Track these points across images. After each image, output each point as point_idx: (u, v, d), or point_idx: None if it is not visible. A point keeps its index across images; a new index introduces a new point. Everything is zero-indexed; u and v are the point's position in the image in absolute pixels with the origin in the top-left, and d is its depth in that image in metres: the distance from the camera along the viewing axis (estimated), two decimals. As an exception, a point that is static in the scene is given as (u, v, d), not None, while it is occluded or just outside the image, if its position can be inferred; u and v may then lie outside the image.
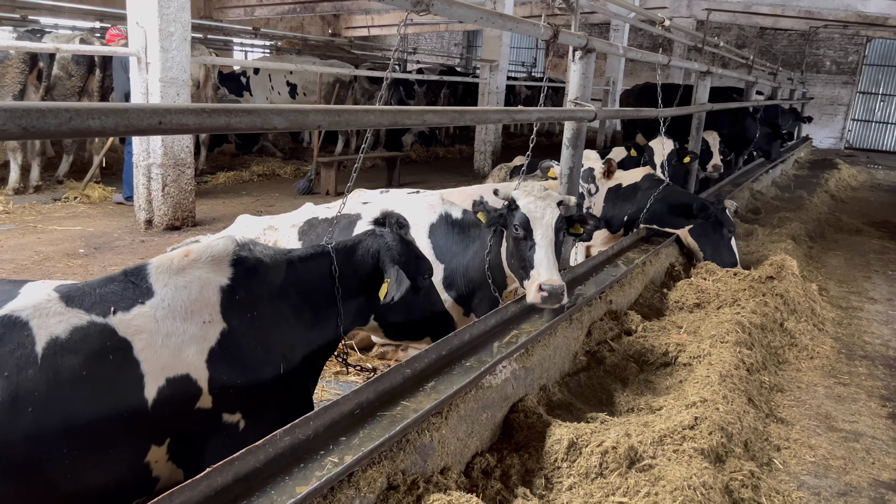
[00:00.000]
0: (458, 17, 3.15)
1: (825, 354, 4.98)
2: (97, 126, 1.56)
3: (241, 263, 2.64)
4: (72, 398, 2.13)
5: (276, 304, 2.72)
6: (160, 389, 2.31)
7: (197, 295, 2.46)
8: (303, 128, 2.14)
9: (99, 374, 2.19)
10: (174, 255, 2.56)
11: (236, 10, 24.21)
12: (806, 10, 22.06)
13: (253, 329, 2.59)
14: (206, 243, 2.67)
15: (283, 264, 2.82)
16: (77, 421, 2.13)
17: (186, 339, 2.39)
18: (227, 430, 2.50)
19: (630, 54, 5.97)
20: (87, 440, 2.17)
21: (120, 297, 2.36)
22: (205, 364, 2.42)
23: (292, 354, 2.76)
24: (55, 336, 2.16)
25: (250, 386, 2.55)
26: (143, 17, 7.01)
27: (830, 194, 13.09)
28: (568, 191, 4.69)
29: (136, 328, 2.31)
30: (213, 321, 2.46)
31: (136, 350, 2.28)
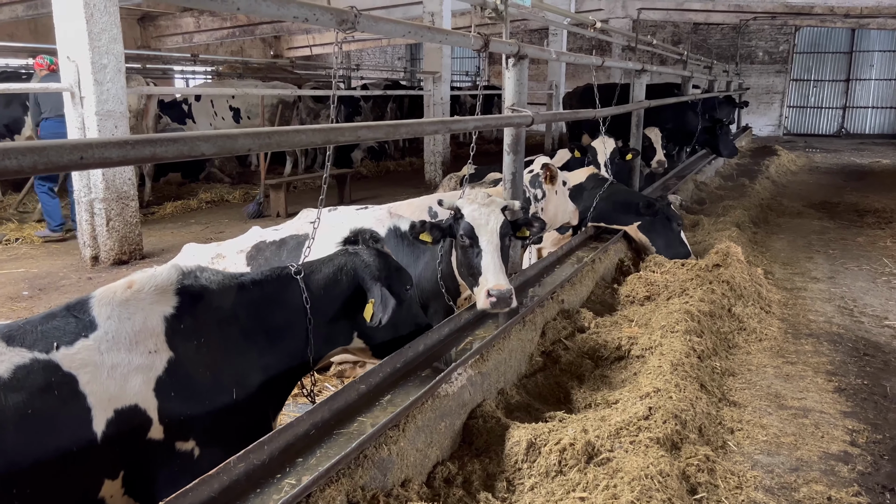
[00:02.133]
0: (385, 33, 3.18)
1: (773, 336, 5.13)
2: (13, 166, 1.54)
3: (185, 292, 2.59)
4: (19, 437, 2.09)
5: (225, 331, 2.67)
6: (108, 422, 2.27)
7: (141, 325, 2.42)
8: (232, 152, 2.14)
9: (45, 411, 2.15)
10: (117, 287, 2.52)
11: (174, 37, 23.93)
12: (735, 4, 22.81)
13: (201, 356, 2.55)
14: (150, 273, 2.63)
15: (232, 290, 2.76)
16: (27, 459, 2.10)
17: (132, 369, 2.36)
18: (181, 459, 2.46)
19: (563, 58, 6.09)
20: (39, 478, 2.13)
21: (62, 331, 2.32)
22: (153, 393, 2.38)
23: (246, 379, 2.71)
24: None
25: (202, 413, 2.51)
26: (73, 52, 6.89)
27: (771, 180, 13.50)
28: (512, 196, 4.75)
29: (81, 362, 2.27)
30: (160, 350, 2.43)
31: (82, 384, 2.24)
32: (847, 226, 9.50)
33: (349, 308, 3.03)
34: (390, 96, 17.87)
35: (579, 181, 6.71)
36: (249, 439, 2.51)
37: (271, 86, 13.83)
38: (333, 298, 3.01)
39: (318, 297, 2.94)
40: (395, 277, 3.15)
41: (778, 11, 24.02)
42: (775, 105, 27.38)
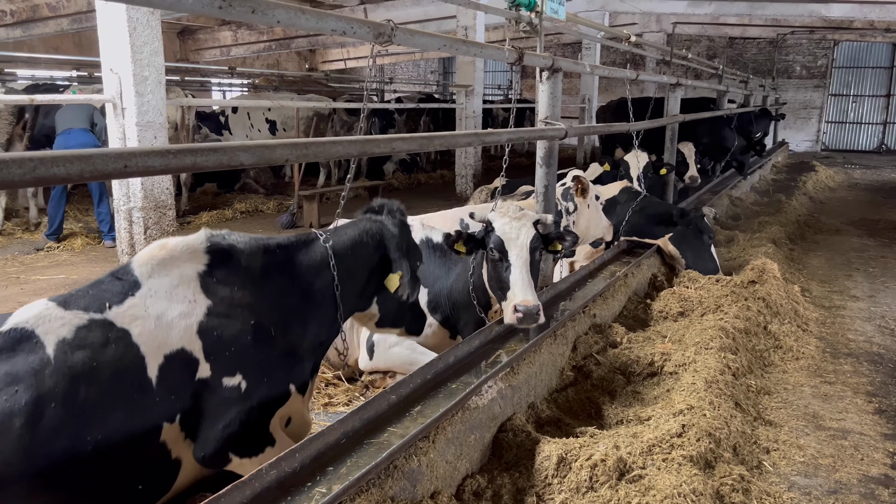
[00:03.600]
0: (421, 46, 3.21)
1: (810, 354, 5.02)
2: (62, 173, 1.58)
3: (215, 249, 2.79)
4: (87, 389, 2.32)
5: (256, 282, 2.83)
6: (161, 367, 2.49)
7: (179, 279, 2.64)
8: (270, 163, 2.18)
9: (106, 364, 2.38)
10: (152, 249, 2.73)
11: (212, 50, 24.40)
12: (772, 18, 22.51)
13: (236, 301, 2.73)
14: (181, 237, 2.83)
15: (260, 249, 2.93)
16: (96, 410, 2.32)
17: (175, 317, 2.57)
18: (230, 393, 2.63)
19: (598, 72, 6.08)
20: (107, 426, 2.35)
21: (111, 293, 2.56)
22: (196, 336, 2.59)
23: (281, 322, 2.85)
24: (62, 338, 2.36)
25: (243, 349, 2.68)
26: (116, 64, 7.06)
27: (809, 196, 13.26)
28: (544, 209, 4.74)
29: (131, 317, 2.51)
30: (198, 299, 2.64)
31: (134, 336, 2.48)
32: (888, 243, 9.28)
33: (372, 274, 3.18)
34: (423, 109, 17.98)
35: (612, 195, 6.68)
36: (290, 379, 2.80)
37: (307, 98, 14.01)
38: (360, 261, 3.15)
39: (343, 255, 3.08)
40: (413, 252, 3.30)
41: (816, 26, 23.67)
42: (813, 120, 26.94)
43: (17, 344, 2.31)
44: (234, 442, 2.65)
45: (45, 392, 2.23)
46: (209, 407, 2.60)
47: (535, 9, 4.45)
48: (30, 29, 17.57)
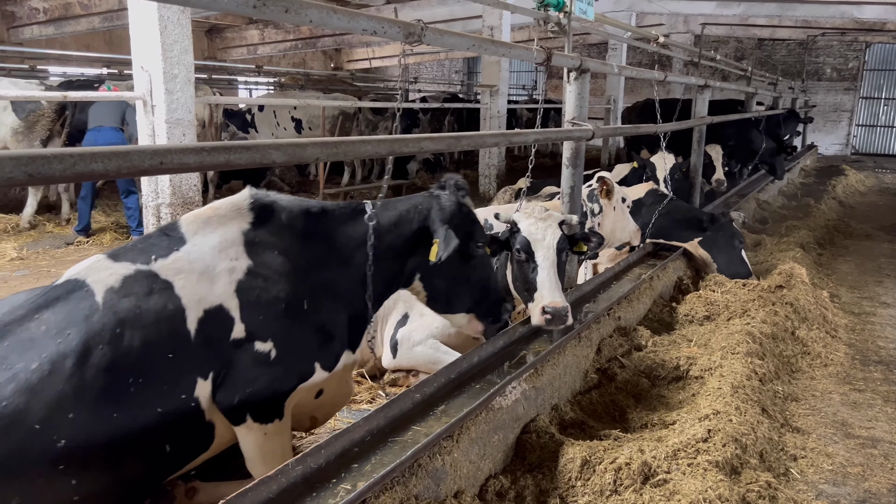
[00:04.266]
0: (450, 46, 3.21)
1: (839, 361, 4.94)
2: (100, 169, 1.61)
3: (258, 206, 2.86)
4: (132, 334, 2.46)
5: (297, 246, 2.88)
6: (199, 320, 2.58)
7: (223, 237, 2.73)
8: (301, 161, 2.19)
9: (149, 311, 2.52)
10: (200, 210, 2.85)
11: (239, 49, 24.64)
12: (803, 20, 22.20)
13: (276, 265, 2.78)
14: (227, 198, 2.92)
15: (302, 211, 2.97)
16: (138, 354, 2.46)
17: (217, 273, 2.66)
18: (260, 359, 2.68)
19: (625, 73, 6.04)
20: (147, 371, 2.47)
21: (158, 247, 2.69)
22: (234, 294, 2.65)
23: (316, 293, 2.87)
24: (110, 286, 2.52)
25: (277, 316, 2.73)
26: (147, 62, 7.16)
27: (838, 200, 13.05)
28: (570, 210, 4.72)
29: (175, 270, 2.62)
30: (239, 258, 2.71)
31: (177, 288, 2.58)
32: (920, 250, 9.11)
33: (416, 247, 3.14)
34: (448, 109, 17.99)
35: (638, 197, 6.63)
36: (316, 357, 2.82)
37: (333, 97, 14.09)
38: (405, 235, 3.12)
39: (386, 232, 3.06)
40: (467, 227, 3.21)
41: (848, 27, 23.28)
42: (843, 123, 26.49)
43: (71, 293, 2.50)
44: (253, 404, 2.70)
45: (94, 335, 2.40)
46: (237, 368, 2.66)
47: (564, 9, 4.43)
48: (62, 27, 17.88)
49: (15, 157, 1.46)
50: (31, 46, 17.85)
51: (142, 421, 2.46)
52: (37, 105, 9.04)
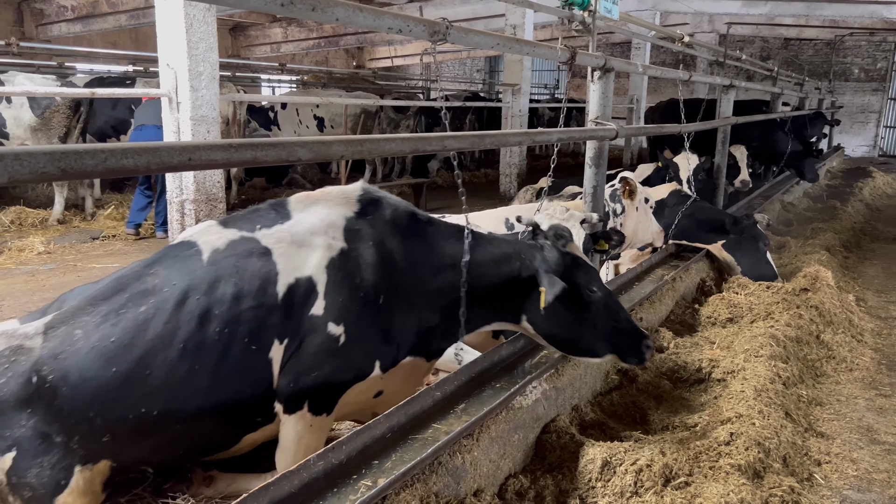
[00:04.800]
0: (474, 45, 3.21)
1: (865, 366, 4.87)
2: (131, 165, 1.63)
3: (366, 201, 3.02)
4: (226, 288, 2.71)
5: (391, 245, 2.98)
6: (289, 286, 2.77)
7: (325, 218, 2.90)
8: (327, 158, 2.21)
9: (245, 270, 2.76)
10: (311, 192, 3.05)
11: (263, 47, 24.81)
12: (830, 19, 21.88)
13: (367, 256, 2.89)
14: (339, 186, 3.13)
15: (407, 213, 3.09)
16: (229, 305, 2.69)
17: (313, 248, 2.83)
18: (329, 344, 2.78)
19: (650, 72, 5.99)
20: (234, 321, 2.69)
21: (264, 219, 2.92)
22: (324, 271, 2.81)
23: (396, 295, 2.95)
24: (216, 247, 2.80)
25: (355, 305, 2.83)
26: (173, 59, 7.23)
27: (865, 203, 12.85)
28: (592, 210, 4.69)
29: (275, 240, 2.83)
30: (336, 239, 2.87)
31: (275, 255, 2.80)
32: (949, 254, 8.94)
33: (516, 291, 3.19)
34: (469, 108, 17.98)
35: (661, 197, 6.58)
36: (378, 355, 2.91)
37: (354, 96, 14.14)
38: (499, 273, 3.17)
39: (482, 261, 3.14)
40: (575, 275, 3.20)
41: (877, 27, 22.90)
42: (870, 125, 26.07)
43: (182, 251, 2.82)
44: (313, 390, 2.79)
45: (194, 286, 2.69)
46: (308, 347, 2.77)
47: (589, 8, 4.41)
48: (89, 24, 18.13)
49: (48, 152, 1.49)
50: (59, 43, 18.13)
51: (222, 370, 2.66)
52: (51, 101, 9.18)
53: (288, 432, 2.85)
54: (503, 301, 3.22)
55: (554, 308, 3.11)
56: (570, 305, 3.16)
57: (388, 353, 2.96)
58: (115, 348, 2.59)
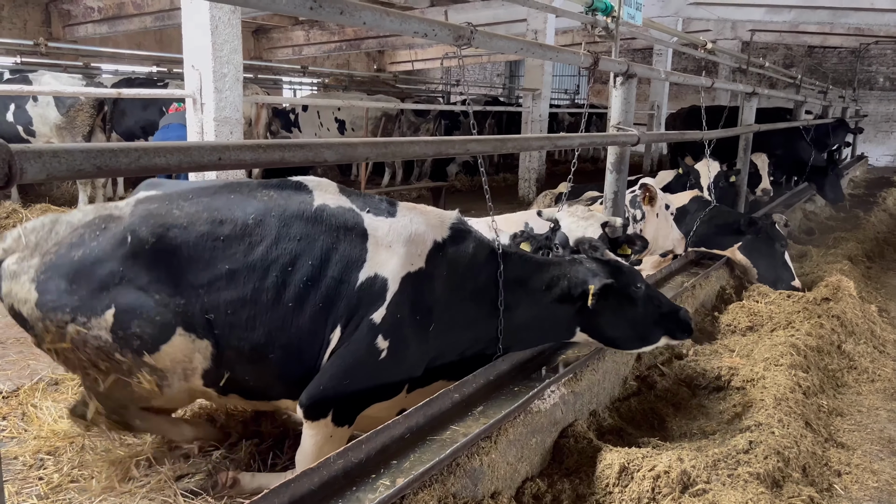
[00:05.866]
0: (498, 49, 3.23)
1: (887, 377, 4.82)
2: (163, 163, 1.67)
3: (456, 231, 3.12)
4: (321, 245, 2.82)
5: (466, 279, 3.08)
6: (367, 278, 2.84)
7: (420, 233, 2.98)
8: (352, 160, 2.24)
9: (341, 241, 2.85)
10: (419, 205, 3.18)
11: (285, 49, 25.02)
12: (855, 27, 21.63)
13: (439, 284, 2.97)
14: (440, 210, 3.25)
15: (485, 254, 3.16)
16: (318, 263, 2.80)
17: (400, 255, 2.88)
18: (371, 354, 2.83)
19: (672, 78, 5.98)
20: (316, 279, 2.79)
21: (376, 208, 3.00)
22: (399, 280, 2.86)
23: (447, 327, 3.02)
24: (325, 203, 2.91)
25: (410, 324, 2.89)
26: (197, 61, 7.32)
27: (889, 213, 12.67)
28: (613, 214, 4.69)
29: (376, 227, 2.92)
30: (420, 258, 2.95)
31: (370, 241, 2.89)
32: (974, 266, 8.80)
33: (565, 305, 3.28)
34: (489, 112, 17.99)
35: (682, 204, 6.55)
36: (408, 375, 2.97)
37: (375, 99, 14.22)
38: (549, 293, 3.27)
39: (530, 288, 3.25)
40: (619, 277, 3.33)
41: (903, 35, 22.63)
42: (895, 134, 25.75)
43: (297, 190, 2.95)
44: (338, 401, 2.83)
45: (295, 228, 2.82)
46: (349, 353, 2.81)
47: (612, 13, 4.41)
48: (115, 26, 18.39)
49: (85, 150, 1.52)
50: (85, 44, 18.40)
51: (293, 320, 2.78)
52: (75, 100, 9.38)
53: (308, 441, 2.90)
54: (554, 323, 3.34)
55: (608, 312, 3.28)
56: (621, 305, 3.32)
57: (419, 378, 3.04)
58: (217, 233, 2.75)
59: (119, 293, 2.68)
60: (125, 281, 2.69)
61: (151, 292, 2.71)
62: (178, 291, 2.74)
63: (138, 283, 2.70)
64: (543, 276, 3.27)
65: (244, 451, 3.39)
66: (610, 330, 3.38)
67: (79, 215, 2.88)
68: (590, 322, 3.34)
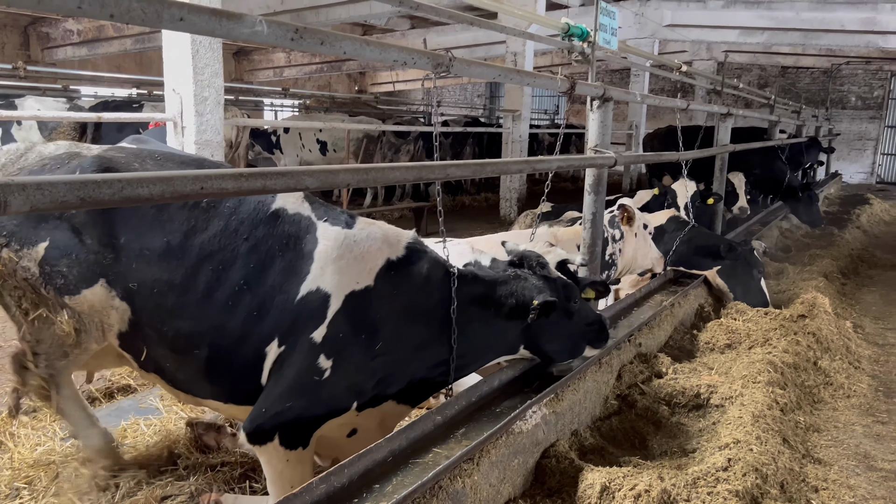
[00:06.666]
0: (477, 76, 3.29)
1: (862, 392, 4.90)
2: (146, 194, 1.69)
3: (411, 251, 3.05)
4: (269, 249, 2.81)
5: (417, 299, 3.01)
6: (309, 292, 2.78)
7: (374, 249, 2.94)
8: (333, 187, 2.27)
9: (289, 250, 2.83)
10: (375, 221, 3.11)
11: (266, 71, 25.11)
12: (827, 48, 22.17)
13: (387, 303, 2.90)
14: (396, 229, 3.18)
15: (440, 275, 3.08)
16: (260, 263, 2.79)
17: (347, 271, 2.83)
18: (313, 373, 2.77)
19: (648, 101, 6.09)
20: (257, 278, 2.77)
21: (334, 217, 2.97)
22: (343, 297, 2.80)
23: (395, 342, 2.94)
24: (284, 207, 2.90)
25: (354, 344, 2.82)
26: (178, 84, 7.34)
27: (863, 230, 12.92)
28: (591, 236, 4.76)
29: (327, 239, 2.87)
30: (370, 274, 2.89)
31: (317, 253, 2.83)
32: (946, 281, 8.99)
33: (513, 322, 3.26)
34: (470, 133, 18.14)
35: (660, 223, 6.64)
36: (356, 396, 2.90)
37: (357, 120, 14.29)
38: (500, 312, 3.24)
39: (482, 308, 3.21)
40: (563, 295, 3.36)
41: (873, 56, 23.21)
42: (868, 152, 26.27)
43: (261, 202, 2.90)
44: (284, 425, 2.77)
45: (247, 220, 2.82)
46: (289, 371, 2.76)
47: (588, 39, 4.51)
48: (95, 48, 18.38)
49: (68, 182, 1.55)
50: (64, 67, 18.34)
51: (231, 321, 2.75)
52: (57, 123, 9.48)
53: (267, 469, 2.87)
54: (502, 340, 3.34)
55: (549, 327, 3.30)
56: (560, 320, 3.37)
57: (367, 396, 2.96)
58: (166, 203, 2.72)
59: (56, 230, 2.73)
60: (63, 218, 2.74)
61: (85, 236, 2.74)
62: (111, 245, 2.76)
63: (74, 224, 2.74)
64: (493, 296, 3.24)
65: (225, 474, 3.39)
66: (549, 344, 3.43)
67: (52, 147, 2.94)
68: (532, 337, 3.36)
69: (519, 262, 3.43)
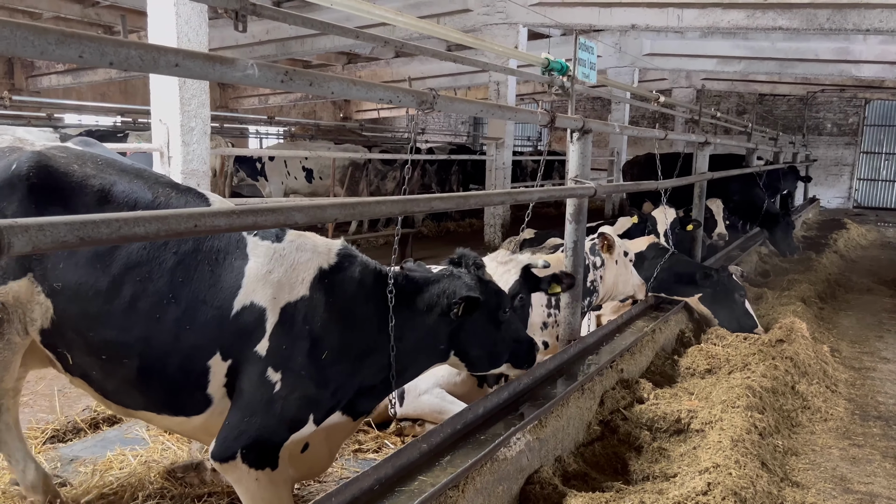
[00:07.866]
0: (459, 111, 3.41)
1: (839, 416, 5.01)
2: (142, 232, 1.76)
3: (343, 257, 3.06)
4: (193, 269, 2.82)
5: (354, 305, 3.01)
6: (244, 307, 2.80)
7: (305, 259, 2.95)
8: (321, 221, 2.35)
9: (219, 264, 2.84)
10: (305, 233, 3.12)
11: (251, 99, 25.24)
12: (802, 76, 22.68)
13: (322, 311, 2.90)
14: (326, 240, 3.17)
15: (372, 277, 3.09)
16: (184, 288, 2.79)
17: (279, 283, 2.84)
18: (265, 386, 2.78)
19: (627, 132, 6.25)
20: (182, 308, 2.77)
21: (265, 231, 2.95)
22: (279, 310, 2.82)
23: (340, 351, 2.93)
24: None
25: (300, 354, 2.83)
26: (165, 115, 7.42)
27: (840, 254, 13.16)
28: (573, 264, 4.87)
29: (258, 253, 2.89)
30: (303, 285, 2.90)
31: (248, 267, 2.85)
32: (921, 305, 9.19)
33: (444, 322, 3.22)
34: (454, 160, 18.33)
35: (640, 250, 6.77)
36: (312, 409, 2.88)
37: (343, 148, 14.40)
38: (432, 312, 3.21)
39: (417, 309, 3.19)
40: (493, 300, 3.38)
41: (847, 84, 23.80)
42: (844, 177, 26.80)
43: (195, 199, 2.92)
44: (248, 443, 2.76)
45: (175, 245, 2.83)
46: (247, 383, 2.78)
47: (568, 73, 4.66)
48: (80, 76, 18.43)
49: (68, 223, 1.62)
50: (49, 95, 18.38)
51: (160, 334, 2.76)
52: None
53: (239, 490, 2.87)
54: (435, 342, 3.26)
55: (474, 329, 3.28)
56: (486, 325, 3.36)
57: (322, 408, 2.94)
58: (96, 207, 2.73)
59: None
60: None
61: None
62: None
63: (6, 214, 2.71)
64: (426, 296, 3.21)
65: None
66: (472, 348, 3.36)
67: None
68: (460, 341, 3.29)
69: (458, 262, 3.43)
